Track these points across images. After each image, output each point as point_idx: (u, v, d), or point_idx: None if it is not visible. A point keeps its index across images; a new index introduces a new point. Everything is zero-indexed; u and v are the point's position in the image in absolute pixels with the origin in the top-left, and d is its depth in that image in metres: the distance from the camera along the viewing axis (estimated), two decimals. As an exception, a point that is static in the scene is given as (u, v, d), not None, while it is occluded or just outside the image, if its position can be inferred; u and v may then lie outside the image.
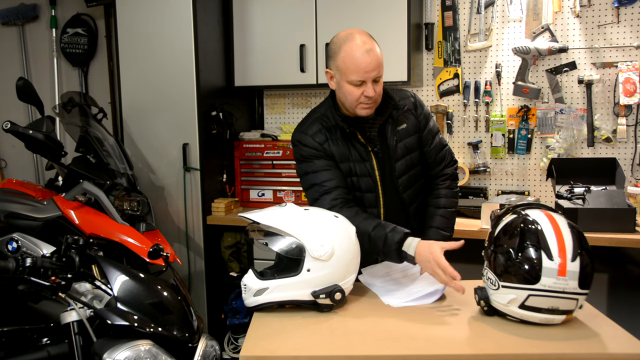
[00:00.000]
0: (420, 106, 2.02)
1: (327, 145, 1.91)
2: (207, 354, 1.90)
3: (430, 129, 2.03)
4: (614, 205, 2.52)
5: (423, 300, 1.69)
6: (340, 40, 1.83)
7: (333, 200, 1.85)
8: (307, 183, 1.93)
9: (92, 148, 2.77)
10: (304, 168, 1.94)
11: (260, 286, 1.60)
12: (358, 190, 1.94)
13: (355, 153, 1.92)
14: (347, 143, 1.92)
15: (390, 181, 1.96)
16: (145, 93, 3.12)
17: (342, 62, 1.80)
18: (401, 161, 1.95)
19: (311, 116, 1.99)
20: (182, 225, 3.13)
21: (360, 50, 1.78)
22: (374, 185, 1.94)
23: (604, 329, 1.49)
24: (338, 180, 1.89)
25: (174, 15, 3.02)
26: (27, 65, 3.95)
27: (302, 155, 1.94)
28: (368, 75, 1.79)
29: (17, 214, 2.50)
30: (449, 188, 2.06)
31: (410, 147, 1.98)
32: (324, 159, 1.91)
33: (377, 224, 1.81)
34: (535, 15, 3.00)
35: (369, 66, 1.78)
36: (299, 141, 1.94)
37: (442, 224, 2.00)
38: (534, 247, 1.44)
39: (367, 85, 1.80)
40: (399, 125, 1.96)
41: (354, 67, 1.78)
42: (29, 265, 1.65)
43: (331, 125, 1.93)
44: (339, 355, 1.39)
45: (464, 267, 1.99)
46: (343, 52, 1.80)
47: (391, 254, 1.78)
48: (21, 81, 2.62)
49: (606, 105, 2.96)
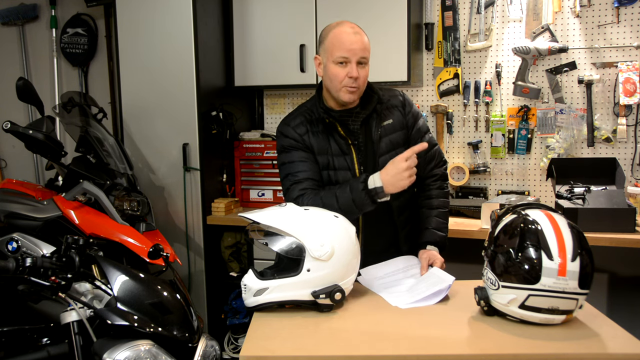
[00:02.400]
0: (408, 105, 2.04)
1: (307, 137, 1.95)
2: (207, 354, 1.90)
3: (419, 128, 2.04)
4: (614, 205, 2.52)
5: (428, 301, 1.68)
6: (330, 26, 1.91)
7: (302, 190, 1.89)
8: (283, 173, 1.99)
9: (92, 148, 2.76)
10: (282, 158, 2.00)
11: (260, 286, 1.60)
12: (335, 184, 1.95)
13: (336, 146, 1.94)
14: (328, 136, 1.95)
15: None
16: (145, 93, 3.12)
17: (330, 42, 1.87)
18: (385, 156, 1.95)
19: (297, 110, 2.04)
20: (182, 225, 3.13)
21: (348, 32, 1.86)
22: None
23: (604, 329, 1.49)
24: (311, 172, 1.93)
25: (174, 15, 3.02)
26: (27, 65, 3.95)
27: (282, 145, 1.99)
28: (353, 53, 1.83)
29: (17, 214, 2.50)
30: (440, 188, 2.08)
31: (395, 142, 1.98)
32: (302, 151, 1.95)
33: (337, 187, 1.85)
34: (535, 15, 3.00)
35: (354, 45, 1.83)
36: (281, 132, 2.00)
37: (437, 224, 2.01)
38: (534, 247, 1.44)
39: (351, 65, 1.84)
40: (384, 120, 1.97)
41: (339, 44, 1.84)
42: (29, 265, 1.65)
43: (314, 118, 1.96)
44: (339, 355, 1.39)
45: (464, 267, 1.99)
46: (331, 34, 1.88)
47: (363, 199, 1.79)
48: (21, 81, 2.62)
49: (606, 105, 2.96)
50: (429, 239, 1.99)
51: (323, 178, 1.96)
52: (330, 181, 1.96)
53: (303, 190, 1.89)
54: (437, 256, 1.93)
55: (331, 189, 1.87)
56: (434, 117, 3.26)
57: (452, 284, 1.71)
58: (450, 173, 3.24)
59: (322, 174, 1.96)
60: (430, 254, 1.93)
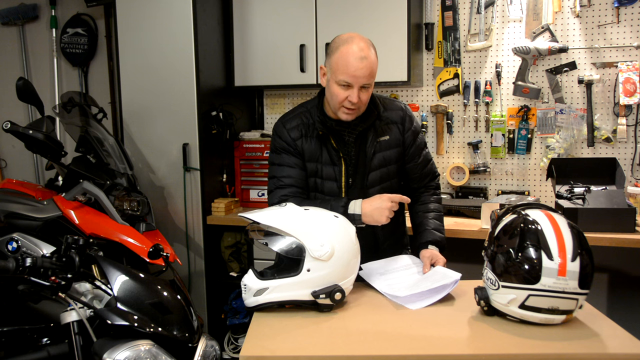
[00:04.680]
0: (409, 121, 2.02)
1: (300, 142, 1.95)
2: (207, 354, 1.90)
3: (417, 145, 2.04)
4: (614, 205, 2.52)
5: (432, 296, 1.67)
6: (340, 41, 1.85)
7: (283, 196, 1.92)
8: (270, 174, 2.01)
9: (92, 148, 2.77)
10: (272, 158, 2.02)
11: (260, 286, 1.60)
12: (321, 193, 1.97)
13: (327, 155, 1.95)
14: (321, 144, 1.95)
15: (360, 190, 1.96)
16: (145, 93, 3.12)
17: (335, 62, 1.83)
18: (376, 172, 1.96)
19: (297, 109, 2.03)
20: (182, 225, 3.13)
21: (356, 55, 1.80)
22: (337, 191, 1.96)
23: (604, 329, 1.49)
24: (296, 179, 1.94)
25: (174, 16, 3.02)
26: (27, 65, 3.95)
27: (275, 146, 2.00)
28: (356, 80, 1.81)
29: (17, 214, 2.50)
30: (435, 195, 2.12)
31: (388, 159, 1.99)
32: (292, 156, 1.96)
33: (319, 202, 1.87)
34: (535, 15, 3.00)
35: (359, 72, 1.80)
36: (276, 132, 2.01)
37: (435, 226, 2.03)
38: (534, 247, 1.44)
39: (353, 90, 1.82)
40: (381, 135, 1.97)
41: (345, 68, 1.81)
42: (29, 265, 1.64)
43: (310, 122, 1.96)
44: (339, 355, 1.39)
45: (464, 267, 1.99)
46: (339, 52, 1.83)
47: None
48: (21, 81, 2.62)
49: (606, 105, 2.96)
50: (429, 239, 1.99)
51: (310, 185, 1.97)
52: (316, 188, 1.97)
53: (284, 196, 1.91)
54: (439, 256, 1.93)
55: (313, 203, 1.87)
56: (434, 117, 3.26)
57: (458, 279, 1.71)
58: (450, 173, 3.24)
59: (310, 180, 1.97)
60: (432, 253, 1.93)
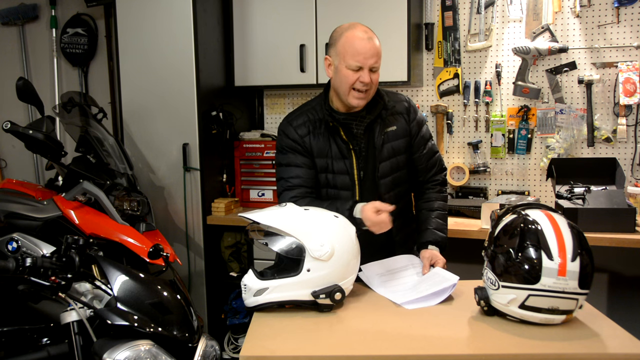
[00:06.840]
0: (413, 112, 2.04)
1: (308, 139, 1.95)
2: (207, 354, 1.90)
3: (422, 135, 2.05)
4: (614, 205, 2.52)
5: (431, 300, 1.68)
6: (343, 28, 1.89)
7: (292, 197, 1.91)
8: (278, 175, 2.01)
9: (92, 148, 2.77)
10: (279, 159, 2.01)
11: (260, 286, 1.60)
12: (333, 188, 1.97)
13: (336, 149, 1.95)
14: (330, 138, 1.95)
15: (372, 181, 1.97)
16: (145, 93, 3.12)
17: (342, 46, 1.85)
18: (386, 162, 1.97)
19: (302, 108, 2.04)
20: (182, 225, 3.13)
21: (362, 37, 1.84)
22: (350, 183, 1.96)
23: (604, 329, 1.49)
24: (305, 179, 1.94)
25: (174, 15, 3.01)
26: (27, 65, 3.94)
27: (282, 145, 2.00)
28: (366, 61, 1.83)
29: (17, 214, 2.50)
30: (440, 192, 2.11)
31: (397, 149, 1.99)
32: (300, 155, 1.96)
33: (326, 204, 1.85)
34: (535, 15, 3.00)
35: (368, 52, 1.83)
36: (282, 131, 2.01)
37: (437, 225, 2.02)
38: (534, 247, 1.44)
39: (363, 71, 1.84)
40: (388, 126, 1.98)
41: (354, 50, 1.83)
42: (29, 265, 1.65)
43: (317, 118, 1.96)
44: (339, 355, 1.39)
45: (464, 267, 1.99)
46: (344, 37, 1.86)
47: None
48: (21, 81, 2.62)
49: (606, 105, 2.96)
50: (430, 239, 1.99)
51: (321, 181, 1.97)
52: (328, 184, 1.97)
53: (294, 198, 1.90)
54: (439, 256, 1.93)
55: (321, 204, 1.87)
56: (434, 117, 3.26)
57: (456, 283, 1.71)
58: (450, 173, 3.24)
59: (320, 177, 1.97)
60: (432, 253, 1.93)
